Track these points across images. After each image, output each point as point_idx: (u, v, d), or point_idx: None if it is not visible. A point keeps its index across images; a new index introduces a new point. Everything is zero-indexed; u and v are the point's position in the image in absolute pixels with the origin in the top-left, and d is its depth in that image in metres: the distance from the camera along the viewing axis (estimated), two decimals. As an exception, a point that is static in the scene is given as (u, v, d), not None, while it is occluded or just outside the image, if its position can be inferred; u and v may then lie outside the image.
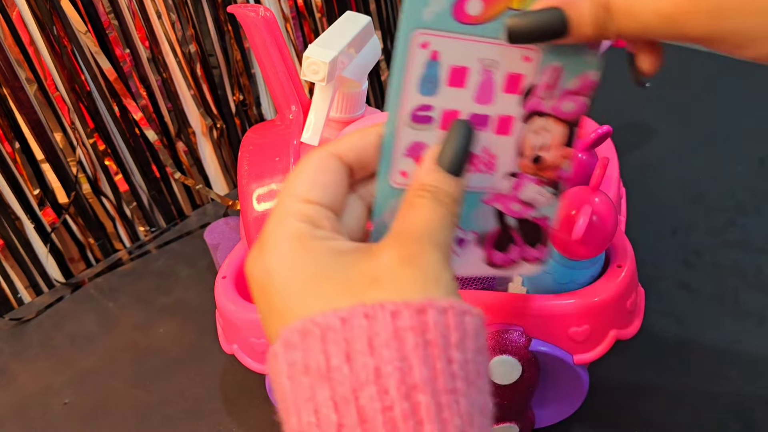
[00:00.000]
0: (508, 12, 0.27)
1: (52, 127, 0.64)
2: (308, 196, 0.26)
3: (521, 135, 0.29)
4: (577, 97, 0.29)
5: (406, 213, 0.26)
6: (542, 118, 0.29)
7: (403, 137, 0.28)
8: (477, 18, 0.27)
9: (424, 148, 0.29)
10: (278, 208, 0.26)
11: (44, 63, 0.62)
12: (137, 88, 0.68)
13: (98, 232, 0.71)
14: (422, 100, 0.28)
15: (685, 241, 0.58)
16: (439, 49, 0.28)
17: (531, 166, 0.30)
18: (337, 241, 0.25)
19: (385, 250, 0.24)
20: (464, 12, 0.27)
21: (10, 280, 0.67)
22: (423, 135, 0.29)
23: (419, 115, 0.28)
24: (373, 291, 0.23)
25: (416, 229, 0.25)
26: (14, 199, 0.64)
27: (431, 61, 0.28)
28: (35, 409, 0.55)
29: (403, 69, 0.28)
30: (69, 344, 0.61)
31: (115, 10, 0.64)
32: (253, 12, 0.47)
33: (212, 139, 0.76)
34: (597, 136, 0.43)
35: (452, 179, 0.26)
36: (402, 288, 0.23)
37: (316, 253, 0.24)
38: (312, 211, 0.26)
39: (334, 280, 0.23)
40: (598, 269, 0.41)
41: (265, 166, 0.44)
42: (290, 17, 0.76)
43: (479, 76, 0.28)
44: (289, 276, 0.24)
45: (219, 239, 0.60)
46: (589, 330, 0.39)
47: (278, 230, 0.25)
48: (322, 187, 0.26)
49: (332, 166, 0.27)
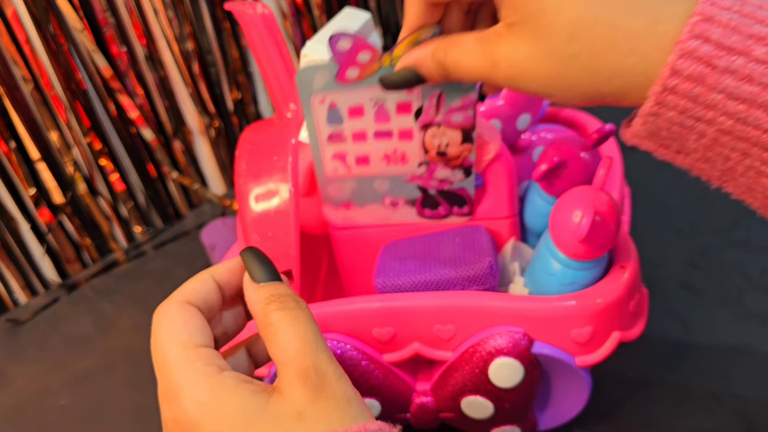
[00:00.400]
0: (380, 69, 0.37)
1: (48, 126, 0.64)
2: (195, 341, 0.28)
3: (422, 139, 0.41)
4: (462, 111, 0.39)
5: (274, 337, 0.28)
6: (437, 127, 0.40)
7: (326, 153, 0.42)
8: (356, 78, 0.37)
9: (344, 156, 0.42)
10: (174, 358, 0.27)
11: (40, 61, 0.62)
12: (134, 87, 0.67)
13: (94, 233, 0.70)
14: (332, 128, 0.41)
15: (689, 241, 0.58)
16: (334, 99, 0.39)
17: (438, 158, 0.42)
18: (244, 380, 0.27)
19: (292, 386, 0.27)
20: (345, 77, 0.37)
21: (6, 281, 0.66)
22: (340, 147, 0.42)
23: (333, 136, 0.41)
24: (301, 426, 0.25)
25: (297, 349, 0.27)
26: (9, 199, 0.64)
27: (331, 109, 0.40)
28: (31, 411, 0.55)
29: (313, 119, 0.40)
30: (65, 346, 0.61)
31: (112, 8, 0.64)
32: (251, 9, 0.46)
33: (209, 137, 0.75)
34: (600, 135, 0.42)
35: (277, 284, 0.31)
36: (327, 419, 0.26)
37: (235, 396, 0.26)
38: (209, 354, 0.28)
39: (263, 420, 0.26)
40: (602, 270, 0.40)
41: (262, 165, 0.44)
42: (288, 14, 0.76)
43: (373, 108, 0.40)
44: (218, 420, 0.26)
45: (216, 239, 0.59)
46: (591, 332, 0.39)
47: (187, 376, 0.27)
48: (199, 330, 0.29)
49: (191, 311, 0.29)
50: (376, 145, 0.42)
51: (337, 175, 0.43)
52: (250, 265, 0.31)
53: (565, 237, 0.38)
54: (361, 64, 0.36)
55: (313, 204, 0.46)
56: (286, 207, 0.42)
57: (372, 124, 0.40)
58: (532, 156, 0.49)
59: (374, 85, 0.37)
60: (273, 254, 0.42)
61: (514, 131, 0.47)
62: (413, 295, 0.41)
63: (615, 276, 0.39)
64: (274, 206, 0.43)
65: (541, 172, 0.42)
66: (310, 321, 0.29)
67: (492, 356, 0.39)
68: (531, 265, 0.42)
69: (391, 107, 0.39)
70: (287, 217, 0.42)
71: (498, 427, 0.43)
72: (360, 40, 0.37)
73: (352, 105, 0.39)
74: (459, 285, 0.40)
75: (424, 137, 0.41)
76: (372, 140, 0.42)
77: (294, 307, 0.29)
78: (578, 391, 0.42)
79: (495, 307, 0.39)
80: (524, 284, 0.42)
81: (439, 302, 0.40)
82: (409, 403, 0.43)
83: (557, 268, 0.39)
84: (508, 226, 0.45)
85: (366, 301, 0.41)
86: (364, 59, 0.37)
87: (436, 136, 0.41)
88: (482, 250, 0.41)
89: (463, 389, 0.41)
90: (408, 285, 0.41)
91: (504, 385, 0.40)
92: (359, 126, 0.41)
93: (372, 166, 0.43)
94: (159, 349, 0.28)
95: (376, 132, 0.41)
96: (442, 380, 0.42)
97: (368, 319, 0.40)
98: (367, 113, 0.40)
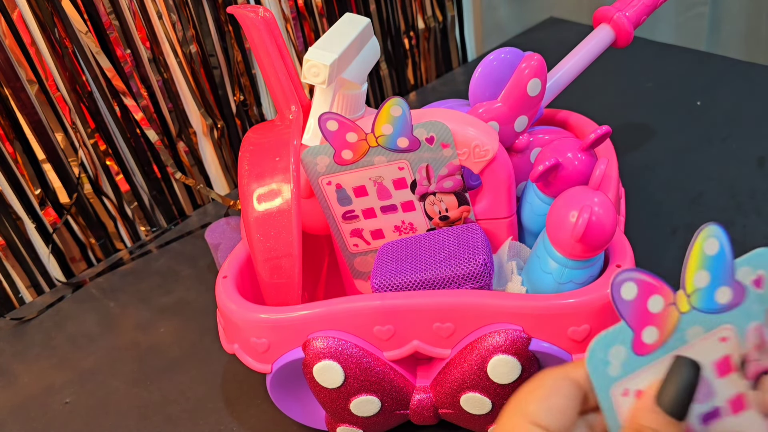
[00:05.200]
0: (370, 149, 0.41)
1: (53, 127, 0.65)
2: (539, 420, 0.26)
3: (422, 208, 0.45)
4: (451, 177, 0.44)
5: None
6: (432, 196, 0.44)
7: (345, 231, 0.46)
8: (352, 160, 0.42)
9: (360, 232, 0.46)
10: (510, 426, 0.26)
11: (45, 63, 0.62)
12: (138, 89, 0.68)
13: (99, 232, 0.71)
14: (344, 209, 0.45)
15: (684, 240, 0.58)
16: (339, 181, 0.43)
17: (441, 222, 0.46)
18: None
19: None
20: (342, 158, 0.42)
21: (12, 280, 0.67)
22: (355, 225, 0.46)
23: (347, 216, 0.45)
24: None
25: None
26: (15, 199, 0.65)
27: (338, 189, 0.44)
28: (36, 408, 0.55)
29: (325, 199, 0.44)
30: (70, 344, 0.61)
31: (116, 11, 0.64)
32: (253, 12, 0.47)
33: (213, 139, 0.76)
34: (596, 136, 0.43)
35: (673, 423, 0.25)
36: None
37: None
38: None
39: None
40: (598, 269, 0.41)
41: (265, 166, 0.45)
42: (290, 18, 0.77)
43: (374, 186, 0.44)
44: None
45: (220, 239, 0.60)
46: (588, 330, 0.39)
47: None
48: (554, 412, 0.26)
49: (566, 390, 0.27)
50: (386, 219, 0.46)
51: (359, 250, 0.48)
52: (674, 381, 0.26)
53: (561, 236, 0.39)
54: (351, 144, 0.39)
55: (315, 205, 0.47)
56: (288, 207, 0.43)
57: (377, 201, 0.44)
58: (529, 157, 0.50)
59: (371, 165, 0.41)
60: (275, 253, 0.43)
61: (512, 133, 0.48)
62: (413, 294, 0.41)
63: (611, 275, 0.40)
64: (276, 206, 0.43)
65: (539, 173, 0.42)
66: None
67: (490, 353, 0.40)
68: (528, 264, 0.43)
69: (389, 183, 0.43)
70: (289, 216, 0.43)
71: (495, 424, 0.43)
72: (344, 122, 0.41)
73: (355, 186, 0.44)
74: (454, 283, 0.41)
75: (424, 207, 0.45)
76: (381, 215, 0.46)
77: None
78: (575, 388, 0.43)
79: (493, 305, 0.40)
80: (521, 283, 0.43)
81: (438, 300, 0.40)
82: (409, 400, 0.44)
83: (554, 267, 0.40)
84: (506, 226, 0.46)
85: (366, 299, 0.41)
86: (353, 140, 0.41)
87: (435, 203, 0.45)
88: (476, 248, 0.42)
89: (462, 386, 0.41)
90: (404, 284, 0.42)
91: (502, 381, 0.40)
92: (366, 204, 0.45)
93: (387, 238, 0.47)
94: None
95: (381, 207, 0.45)
96: (442, 377, 0.42)
97: (369, 317, 0.41)
98: (370, 191, 0.44)
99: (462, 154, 0.43)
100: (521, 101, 0.46)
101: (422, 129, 0.42)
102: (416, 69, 0.92)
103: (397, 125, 0.41)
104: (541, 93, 0.46)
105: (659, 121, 0.74)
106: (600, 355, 0.27)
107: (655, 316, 0.27)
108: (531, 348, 0.40)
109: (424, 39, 0.91)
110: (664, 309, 0.27)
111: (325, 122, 0.41)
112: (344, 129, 0.39)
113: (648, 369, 0.27)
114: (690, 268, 0.27)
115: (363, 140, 0.42)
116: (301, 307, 0.42)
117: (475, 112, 0.46)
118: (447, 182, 0.44)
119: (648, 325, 0.27)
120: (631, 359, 0.27)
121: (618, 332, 0.27)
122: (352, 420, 0.44)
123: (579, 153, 0.44)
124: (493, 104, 0.46)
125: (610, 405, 0.27)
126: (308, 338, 0.41)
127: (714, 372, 0.28)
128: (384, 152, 0.43)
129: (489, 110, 0.46)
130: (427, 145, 0.42)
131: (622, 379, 0.27)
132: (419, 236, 0.45)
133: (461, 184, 0.44)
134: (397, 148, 0.42)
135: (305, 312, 0.41)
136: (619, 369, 0.27)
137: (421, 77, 0.93)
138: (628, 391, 0.27)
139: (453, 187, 0.44)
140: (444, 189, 0.44)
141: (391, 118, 0.41)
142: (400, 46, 0.88)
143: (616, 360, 0.27)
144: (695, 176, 0.65)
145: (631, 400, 0.27)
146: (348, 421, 0.44)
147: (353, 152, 0.42)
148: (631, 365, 0.27)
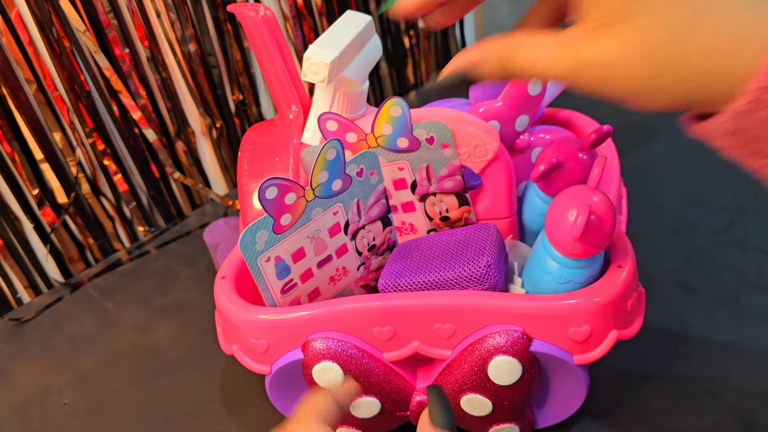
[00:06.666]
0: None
1: (51, 127, 0.64)
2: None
3: (423, 209, 0.45)
4: (451, 177, 0.43)
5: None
6: (433, 196, 0.44)
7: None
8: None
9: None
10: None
11: (43, 63, 0.62)
12: (136, 88, 0.68)
13: (97, 232, 0.71)
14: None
15: (686, 241, 0.58)
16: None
17: (442, 223, 0.46)
18: None
19: None
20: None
21: (10, 281, 0.67)
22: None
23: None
24: None
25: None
26: (13, 199, 0.64)
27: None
28: (35, 409, 0.55)
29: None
30: (68, 344, 0.61)
31: (115, 10, 0.64)
32: (253, 11, 0.46)
33: (212, 138, 0.76)
34: (598, 135, 0.43)
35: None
36: None
37: None
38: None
39: None
40: (598, 269, 0.41)
41: (264, 166, 0.44)
42: (290, 16, 0.76)
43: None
44: None
45: (218, 239, 0.60)
46: (589, 330, 0.39)
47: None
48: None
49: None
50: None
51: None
52: (434, 405, 0.34)
53: (560, 236, 0.39)
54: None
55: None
56: (288, 207, 0.43)
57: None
58: (530, 157, 0.49)
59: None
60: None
61: (513, 132, 0.47)
62: (413, 295, 0.41)
63: (612, 275, 0.40)
64: (275, 206, 0.43)
65: (540, 172, 0.42)
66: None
67: (491, 354, 0.40)
68: (528, 263, 0.42)
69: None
70: (289, 217, 0.43)
71: (497, 424, 0.43)
72: (344, 123, 0.41)
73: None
74: (458, 285, 0.41)
75: (424, 207, 0.45)
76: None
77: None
78: (576, 389, 0.43)
79: (494, 306, 0.40)
80: (521, 284, 0.42)
81: (438, 301, 0.40)
82: (409, 401, 0.44)
83: (554, 266, 0.40)
84: (506, 225, 0.46)
85: (366, 300, 0.41)
86: (353, 140, 0.42)
87: (435, 204, 0.44)
88: (482, 250, 0.41)
89: (462, 387, 0.41)
90: (408, 285, 0.42)
91: (503, 382, 0.40)
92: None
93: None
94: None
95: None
96: (442, 378, 0.42)
97: (369, 318, 0.41)
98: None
99: (462, 153, 0.43)
100: (522, 100, 0.46)
101: (422, 129, 0.42)
102: (416, 68, 0.92)
103: (397, 125, 0.41)
104: (542, 92, 0.46)
105: (661, 120, 0.74)
106: (249, 238, 0.38)
107: (290, 206, 0.38)
108: (532, 349, 0.39)
109: (425, 38, 0.91)
110: (296, 201, 0.39)
111: (324, 122, 0.41)
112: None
113: (282, 242, 0.40)
114: (316, 171, 0.38)
115: (363, 140, 0.42)
116: (301, 308, 0.42)
117: (475, 112, 0.46)
118: (448, 182, 0.43)
119: (284, 213, 0.38)
120: (271, 237, 0.39)
121: (262, 222, 0.38)
122: (352, 421, 0.44)
123: (580, 153, 0.43)
124: (494, 103, 0.46)
125: (258, 270, 0.40)
126: (307, 339, 0.41)
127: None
128: (383, 152, 0.43)
129: (489, 110, 0.46)
130: (427, 146, 0.42)
131: (265, 252, 0.39)
132: (434, 235, 0.45)
133: (462, 185, 0.43)
134: (397, 148, 0.42)
135: (304, 313, 0.41)
136: (263, 245, 0.39)
137: (421, 76, 0.93)
138: (270, 258, 0.40)
139: (453, 187, 0.43)
140: (444, 189, 0.44)
141: (390, 118, 0.41)
142: (400, 44, 0.88)
143: (261, 240, 0.39)
144: (696, 176, 0.65)
145: (272, 264, 0.40)
146: (348, 423, 0.44)
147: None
148: (271, 242, 0.39)
